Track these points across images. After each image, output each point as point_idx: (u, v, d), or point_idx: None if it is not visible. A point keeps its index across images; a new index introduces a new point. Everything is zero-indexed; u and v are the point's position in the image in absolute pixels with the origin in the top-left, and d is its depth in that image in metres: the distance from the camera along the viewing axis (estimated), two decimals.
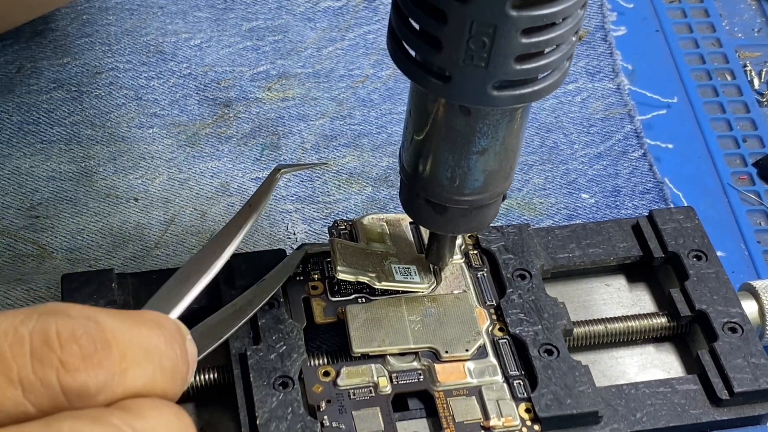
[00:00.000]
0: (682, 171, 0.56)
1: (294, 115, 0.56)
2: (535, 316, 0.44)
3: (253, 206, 0.43)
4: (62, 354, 0.31)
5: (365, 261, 0.45)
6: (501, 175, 0.40)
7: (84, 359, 0.31)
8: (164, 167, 0.53)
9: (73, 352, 0.31)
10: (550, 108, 0.57)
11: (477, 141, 0.38)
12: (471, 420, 0.41)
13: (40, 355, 0.31)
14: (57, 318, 0.31)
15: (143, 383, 0.32)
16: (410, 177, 0.41)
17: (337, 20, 0.61)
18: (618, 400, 0.43)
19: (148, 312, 0.35)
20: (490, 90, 0.36)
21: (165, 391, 0.33)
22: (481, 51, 0.34)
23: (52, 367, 0.31)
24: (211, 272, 0.41)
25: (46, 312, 0.32)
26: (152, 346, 0.33)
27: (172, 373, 0.34)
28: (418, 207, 0.42)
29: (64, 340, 0.31)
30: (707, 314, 0.45)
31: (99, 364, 0.31)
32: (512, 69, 0.35)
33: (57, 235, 0.50)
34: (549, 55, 0.36)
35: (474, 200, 0.41)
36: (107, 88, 0.56)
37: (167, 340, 0.34)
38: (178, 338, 0.35)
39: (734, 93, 0.60)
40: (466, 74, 0.35)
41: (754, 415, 0.44)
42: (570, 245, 0.48)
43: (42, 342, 0.31)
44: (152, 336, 0.33)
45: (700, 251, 0.47)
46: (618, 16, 0.63)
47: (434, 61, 0.36)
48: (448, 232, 0.43)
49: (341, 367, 0.43)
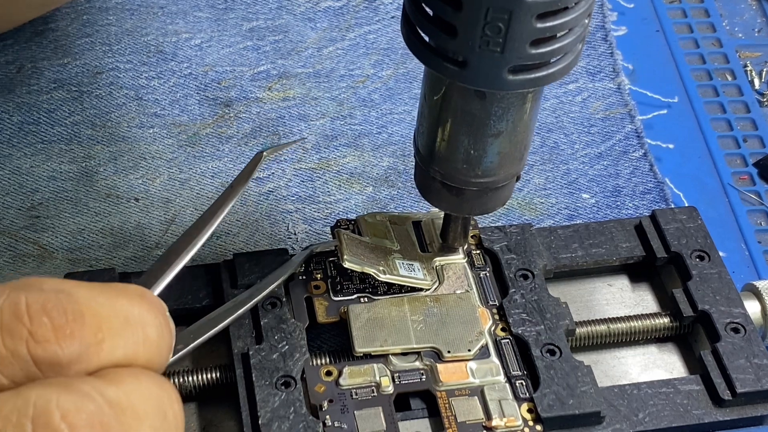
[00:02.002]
0: (683, 171, 0.56)
1: (294, 115, 0.56)
2: (537, 316, 0.44)
3: (234, 188, 0.44)
4: (31, 326, 0.31)
5: (370, 254, 0.45)
6: (515, 156, 0.41)
7: (54, 330, 0.31)
8: (165, 167, 0.53)
9: (43, 323, 0.31)
10: (551, 108, 0.57)
11: (492, 124, 0.39)
12: (473, 420, 0.41)
13: (10, 328, 0.31)
14: (28, 291, 0.31)
15: (123, 354, 0.32)
16: (425, 160, 0.42)
17: (337, 20, 0.61)
18: (620, 401, 0.43)
19: (130, 285, 0.35)
20: (505, 74, 0.36)
21: (149, 361, 0.33)
22: (496, 36, 0.35)
23: (21, 339, 0.31)
24: (190, 251, 0.41)
25: (18, 286, 0.32)
26: (134, 316, 0.33)
27: (157, 342, 0.34)
28: (434, 189, 0.42)
29: (33, 312, 0.31)
30: (710, 314, 0.45)
31: (71, 335, 0.31)
32: (527, 53, 0.36)
33: (57, 235, 0.50)
34: (563, 39, 0.36)
35: (489, 182, 0.41)
36: (108, 88, 0.56)
37: (150, 310, 0.34)
38: (161, 309, 0.35)
39: (735, 93, 0.60)
40: (482, 59, 0.36)
41: (757, 416, 0.44)
42: (572, 245, 0.48)
43: (12, 315, 0.31)
44: (134, 306, 0.33)
45: (702, 251, 0.47)
46: (618, 16, 0.63)
47: (449, 47, 0.36)
48: (463, 213, 0.44)
49: (343, 366, 0.43)
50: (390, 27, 0.60)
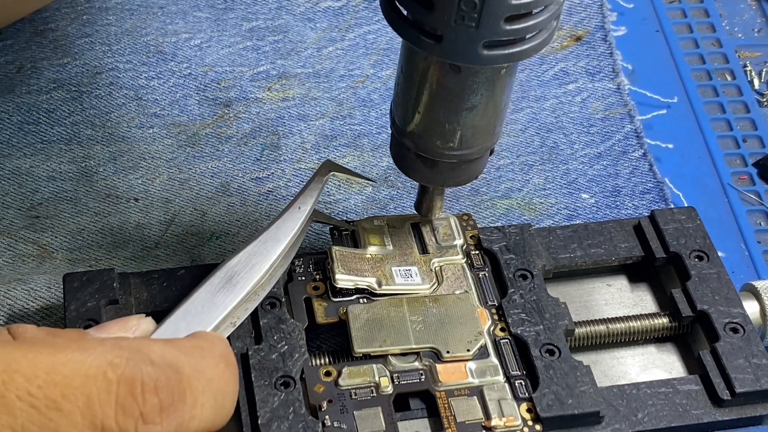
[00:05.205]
0: (682, 171, 0.56)
1: (294, 115, 0.56)
2: (536, 316, 0.44)
3: (303, 208, 0.44)
4: (144, 407, 0.32)
5: (365, 266, 0.45)
6: (489, 130, 0.42)
7: (161, 411, 0.33)
8: (164, 167, 0.53)
9: (154, 405, 0.33)
10: (550, 108, 0.57)
11: (467, 98, 0.40)
12: (472, 420, 0.41)
13: (124, 406, 0.32)
14: (143, 365, 0.33)
15: (205, 425, 0.34)
16: (401, 132, 0.43)
17: (337, 20, 0.61)
18: (619, 401, 0.43)
19: (217, 343, 0.36)
20: (480, 49, 0.37)
21: (217, 426, 0.35)
22: (471, 12, 0.36)
23: (132, 419, 0.32)
24: (256, 277, 0.42)
25: (133, 355, 0.33)
26: (220, 390, 0.35)
27: (229, 410, 0.36)
28: (409, 161, 0.43)
29: (147, 392, 0.32)
30: (709, 314, 0.45)
31: (173, 414, 0.33)
32: (502, 29, 0.37)
33: (57, 235, 0.50)
34: (537, 15, 0.37)
35: (463, 154, 0.42)
36: (107, 88, 0.56)
37: (231, 379, 0.36)
38: (237, 373, 0.37)
39: (734, 93, 0.60)
40: (457, 34, 0.37)
41: (756, 416, 0.44)
42: (572, 245, 0.48)
43: (128, 392, 0.32)
44: (221, 379, 0.35)
45: (701, 251, 0.47)
46: (618, 16, 0.63)
47: (426, 21, 0.37)
48: (437, 184, 0.45)
49: (343, 367, 0.43)
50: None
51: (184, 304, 0.41)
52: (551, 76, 0.59)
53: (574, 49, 0.60)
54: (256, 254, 0.42)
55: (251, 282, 0.42)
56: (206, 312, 0.40)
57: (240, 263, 0.42)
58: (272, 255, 0.43)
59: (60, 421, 0.31)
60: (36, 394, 0.31)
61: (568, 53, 0.60)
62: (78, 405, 0.31)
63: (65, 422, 0.31)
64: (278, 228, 0.44)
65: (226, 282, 0.41)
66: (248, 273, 0.42)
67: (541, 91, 0.58)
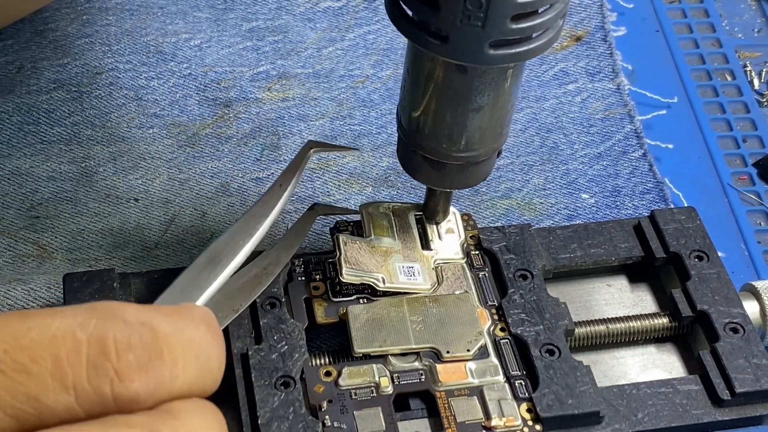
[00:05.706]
0: (682, 171, 0.56)
1: (294, 116, 0.56)
2: (536, 316, 0.44)
3: (284, 185, 0.44)
4: (118, 364, 0.31)
5: (370, 260, 0.45)
6: (496, 131, 0.42)
7: (138, 369, 0.31)
8: (164, 167, 0.53)
9: (129, 362, 0.31)
10: (550, 108, 0.57)
11: (473, 98, 0.40)
12: (472, 420, 0.41)
13: (96, 364, 0.31)
14: (114, 324, 0.32)
15: (189, 387, 0.33)
16: (408, 134, 0.42)
17: (337, 20, 0.61)
18: (619, 401, 0.43)
19: (197, 309, 0.35)
20: (486, 49, 0.37)
21: (205, 391, 0.34)
22: (477, 11, 0.36)
23: (107, 377, 0.31)
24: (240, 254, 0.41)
25: (104, 315, 0.32)
26: (202, 350, 0.34)
27: (215, 373, 0.34)
28: (416, 163, 0.43)
29: (120, 350, 0.31)
30: (709, 314, 0.45)
31: (151, 372, 0.32)
32: (508, 28, 0.36)
33: (57, 236, 0.50)
34: (544, 14, 0.37)
35: (470, 156, 0.42)
36: (107, 88, 0.56)
37: (214, 341, 0.34)
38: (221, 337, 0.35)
39: (734, 93, 0.60)
40: (464, 34, 0.37)
41: (756, 416, 0.43)
42: (571, 245, 0.48)
43: (99, 350, 0.31)
44: (203, 339, 0.34)
45: (701, 251, 0.47)
46: (618, 16, 0.63)
47: (432, 22, 0.37)
48: (444, 187, 0.44)
49: (343, 367, 0.43)
50: (389, 27, 0.60)
51: (170, 287, 0.41)
52: (551, 76, 0.59)
53: (574, 50, 0.60)
54: (239, 232, 0.42)
55: (235, 259, 0.41)
56: (190, 291, 0.40)
57: (223, 242, 0.42)
58: (255, 232, 0.42)
59: (30, 384, 0.31)
60: (2, 359, 0.31)
61: (568, 53, 0.60)
62: (47, 366, 0.31)
63: (35, 385, 0.31)
64: (261, 206, 0.43)
65: (209, 261, 0.41)
66: (232, 250, 0.41)
67: (541, 91, 0.58)
